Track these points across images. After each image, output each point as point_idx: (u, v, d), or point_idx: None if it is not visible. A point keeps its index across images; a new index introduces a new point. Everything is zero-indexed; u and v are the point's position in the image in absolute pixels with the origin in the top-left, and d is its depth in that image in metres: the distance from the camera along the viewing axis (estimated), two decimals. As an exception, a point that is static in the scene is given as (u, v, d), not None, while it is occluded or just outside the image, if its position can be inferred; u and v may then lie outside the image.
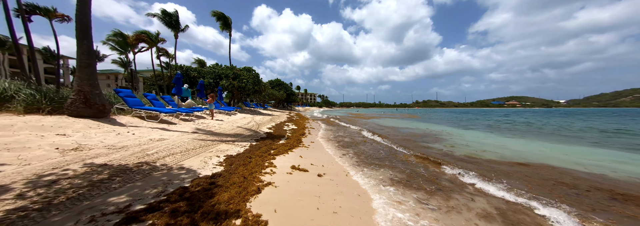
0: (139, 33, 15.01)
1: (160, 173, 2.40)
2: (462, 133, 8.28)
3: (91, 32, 4.18)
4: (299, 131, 7.75)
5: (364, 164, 3.73)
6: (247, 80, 14.20)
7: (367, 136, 7.36)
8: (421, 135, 7.88)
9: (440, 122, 14.10)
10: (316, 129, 8.96)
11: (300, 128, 8.64)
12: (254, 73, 15.08)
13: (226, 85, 13.25)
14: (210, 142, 4.38)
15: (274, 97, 30.90)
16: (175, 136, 4.38)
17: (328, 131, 8.38)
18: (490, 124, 12.52)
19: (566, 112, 44.30)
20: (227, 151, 3.74)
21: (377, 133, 7.94)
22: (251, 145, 4.53)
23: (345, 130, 8.93)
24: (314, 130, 8.52)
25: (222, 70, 14.34)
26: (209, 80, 13.66)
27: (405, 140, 6.66)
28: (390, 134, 7.85)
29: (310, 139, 6.24)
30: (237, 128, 6.82)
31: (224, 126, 6.93)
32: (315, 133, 7.69)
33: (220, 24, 21.17)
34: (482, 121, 15.20)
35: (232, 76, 13.79)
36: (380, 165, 3.67)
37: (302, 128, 9.05)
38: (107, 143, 3.19)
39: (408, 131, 8.97)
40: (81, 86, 4.08)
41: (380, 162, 3.88)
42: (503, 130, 9.22)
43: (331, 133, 7.79)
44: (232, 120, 9.16)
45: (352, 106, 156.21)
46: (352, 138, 6.65)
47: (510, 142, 6.29)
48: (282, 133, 7.07)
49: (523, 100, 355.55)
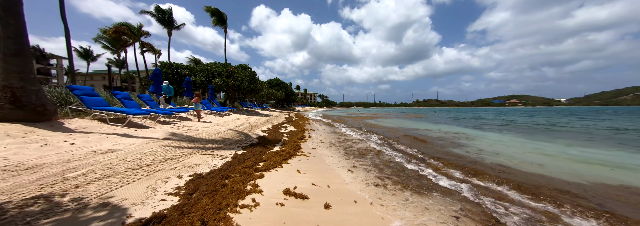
0: (119, 25, 13.73)
1: (50, 221, 1.39)
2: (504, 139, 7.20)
3: (22, 8, 3.18)
4: (298, 134, 6.75)
5: (390, 185, 2.72)
6: (243, 79, 13.18)
7: (377, 140, 6.35)
8: (451, 142, 6.84)
9: (454, 123, 13.09)
10: (317, 132, 7.97)
11: (299, 131, 7.64)
12: (250, 71, 14.07)
13: (219, 83, 12.24)
14: (182, 151, 3.37)
15: (273, 97, 29.89)
16: (134, 145, 3.37)
17: (331, 134, 7.39)
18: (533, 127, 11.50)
19: (571, 111, 43.27)
20: (197, 166, 2.74)
21: (390, 137, 6.93)
22: (236, 154, 3.53)
23: (351, 131, 7.93)
24: (315, 133, 7.53)
25: (215, 68, 13.33)
26: (200, 78, 12.66)
27: (428, 146, 5.64)
28: (405, 137, 6.84)
29: (310, 144, 5.24)
30: (226, 132, 5.81)
31: (210, 129, 5.92)
32: (316, 137, 6.69)
33: (214, 19, 20.18)
34: (507, 121, 14.19)
35: (225, 74, 12.78)
36: (419, 191, 2.65)
37: (302, 130, 8.06)
38: (14, 160, 2.19)
39: (428, 134, 7.95)
40: (8, 80, 3.07)
41: (418, 182, 2.85)
42: (556, 134, 7.95)
43: (334, 137, 6.80)
44: (222, 121, 8.15)
45: (352, 106, 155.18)
46: (363, 145, 5.63)
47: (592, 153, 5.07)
48: (278, 137, 6.07)
49: (524, 99, 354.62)
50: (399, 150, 4.95)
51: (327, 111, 42.29)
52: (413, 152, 4.65)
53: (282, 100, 41.16)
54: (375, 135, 7.19)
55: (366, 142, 5.84)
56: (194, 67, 13.61)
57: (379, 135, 7.31)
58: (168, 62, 12.54)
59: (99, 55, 31.57)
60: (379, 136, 7.00)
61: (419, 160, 3.98)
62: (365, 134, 7.50)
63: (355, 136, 7.01)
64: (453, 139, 6.56)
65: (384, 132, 7.96)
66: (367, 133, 7.79)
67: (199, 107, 7.14)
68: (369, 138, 6.62)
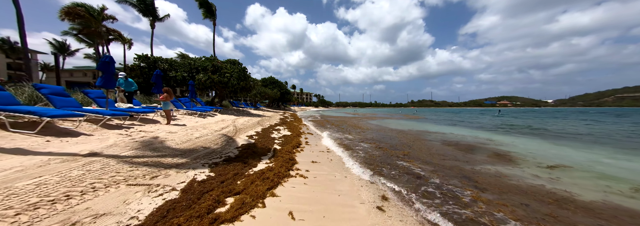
0: (73, 6, 11.50)
1: None
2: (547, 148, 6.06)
3: None
4: (293, 140, 5.44)
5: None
6: (231, 75, 11.72)
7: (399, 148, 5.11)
8: (480, 148, 5.65)
9: (464, 124, 12.05)
10: (316, 136, 6.67)
11: (294, 135, 6.33)
12: (239, 67, 12.61)
13: (203, 80, 10.76)
14: (99, 179, 2.01)
15: (267, 96, 28.38)
16: (12, 170, 1.99)
17: (336, 140, 6.10)
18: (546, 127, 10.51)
19: (564, 112, 43.64)
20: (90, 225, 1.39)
21: (406, 146, 5.71)
22: (192, 183, 2.20)
23: (360, 136, 6.67)
24: (314, 138, 6.23)
25: (200, 62, 11.81)
26: (182, 73, 11.12)
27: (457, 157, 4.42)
28: (424, 146, 5.62)
29: (309, 155, 3.95)
30: (198, 139, 4.44)
31: (177, 135, 4.53)
32: (315, 142, 5.40)
33: (203, 11, 18.56)
34: (519, 123, 13.26)
35: (211, 69, 11.29)
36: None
37: (297, 134, 6.75)
38: None
39: (448, 139, 6.77)
40: None
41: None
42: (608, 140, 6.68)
43: (339, 141, 5.51)
44: (201, 124, 6.74)
45: (348, 106, 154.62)
46: (378, 152, 4.37)
47: None
48: (267, 144, 4.75)
49: (513, 100, 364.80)
50: (438, 165, 3.72)
51: (324, 111, 41.01)
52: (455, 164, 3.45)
53: (277, 99, 39.63)
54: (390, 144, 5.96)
55: (386, 146, 4.59)
56: (175, 61, 12.05)
57: (391, 138, 6.09)
58: (144, 54, 10.97)
59: (77, 50, 29.19)
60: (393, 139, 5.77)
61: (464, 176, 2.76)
62: (380, 141, 6.26)
63: (369, 143, 5.74)
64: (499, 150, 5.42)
65: (395, 136, 6.76)
66: (380, 141, 6.56)
67: (169, 106, 5.71)
68: (384, 139, 5.37)
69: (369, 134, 7.31)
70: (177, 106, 8.14)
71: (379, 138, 6.45)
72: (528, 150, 4.90)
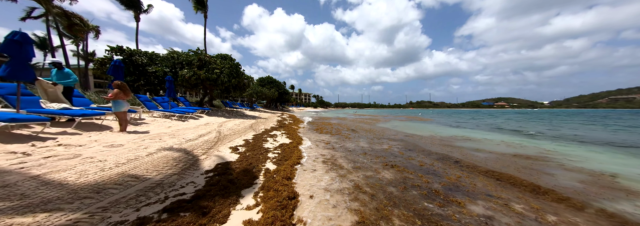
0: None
1: None
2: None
3: None
4: (293, 152, 3.95)
5: None
6: (221, 71, 10.19)
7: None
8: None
9: (488, 128, 10.63)
10: (322, 146, 5.14)
11: (294, 145, 4.82)
12: (230, 63, 11.08)
13: (188, 76, 9.20)
14: None
15: (264, 96, 26.82)
16: None
17: (348, 148, 4.59)
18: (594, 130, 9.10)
19: (566, 114, 42.77)
20: None
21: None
22: None
23: (378, 145, 5.16)
24: (319, 149, 4.71)
25: (184, 56, 10.26)
26: (163, 69, 9.56)
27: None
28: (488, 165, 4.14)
29: (319, 178, 2.44)
30: (146, 159, 2.92)
31: (116, 153, 3.00)
32: (323, 159, 3.88)
33: (193, 3, 17.01)
34: (539, 125, 11.89)
35: (197, 63, 9.74)
36: None
37: (298, 142, 5.24)
38: None
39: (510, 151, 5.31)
40: None
41: None
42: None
43: (360, 157, 3.97)
44: (173, 131, 5.20)
45: (347, 106, 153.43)
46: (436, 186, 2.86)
47: None
48: (256, 161, 3.25)
49: (510, 101, 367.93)
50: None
51: (324, 112, 39.50)
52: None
53: (275, 99, 38.06)
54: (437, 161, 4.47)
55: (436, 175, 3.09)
56: (156, 54, 10.48)
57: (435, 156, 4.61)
58: (118, 46, 9.40)
59: (60, 46, 27.32)
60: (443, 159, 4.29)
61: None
62: (409, 153, 4.76)
63: (395, 153, 4.24)
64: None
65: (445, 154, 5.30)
66: (409, 151, 5.07)
67: (123, 107, 4.17)
68: (415, 148, 3.87)
69: (392, 142, 5.83)
70: (149, 106, 6.59)
71: (408, 148, 4.97)
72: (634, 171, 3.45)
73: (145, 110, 6.56)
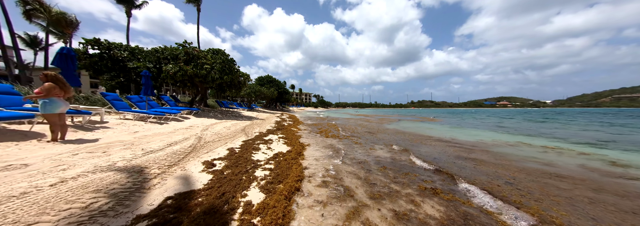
0: None
1: None
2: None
3: None
4: (291, 168, 2.80)
5: None
6: (212, 66, 9.05)
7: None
8: None
9: (514, 130, 9.43)
10: (324, 158, 3.95)
11: (294, 154, 3.66)
12: (223, 58, 9.94)
13: (172, 71, 8.07)
14: None
15: (263, 96, 25.70)
16: None
17: (362, 168, 3.41)
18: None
19: (573, 113, 41.38)
20: None
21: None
22: None
23: (399, 154, 3.93)
24: (319, 163, 3.53)
25: (169, 51, 9.11)
26: (145, 64, 8.43)
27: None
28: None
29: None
30: (35, 195, 1.77)
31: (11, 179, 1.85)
32: (333, 166, 2.70)
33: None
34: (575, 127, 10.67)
35: (183, 58, 8.61)
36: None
37: (299, 150, 4.08)
38: None
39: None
40: None
41: None
42: None
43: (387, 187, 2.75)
44: (133, 139, 4.06)
45: (348, 106, 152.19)
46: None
47: None
48: (234, 187, 2.07)
49: (512, 101, 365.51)
50: None
51: (325, 112, 38.31)
52: None
53: (275, 99, 36.95)
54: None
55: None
56: (139, 48, 9.35)
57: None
58: (94, 38, 8.30)
59: (51, 44, 26.28)
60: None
61: None
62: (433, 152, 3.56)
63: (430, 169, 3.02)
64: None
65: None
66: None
67: (58, 107, 3.04)
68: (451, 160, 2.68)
69: (415, 149, 4.65)
70: (118, 107, 5.45)
71: (438, 158, 3.80)
72: None
73: (113, 111, 5.42)
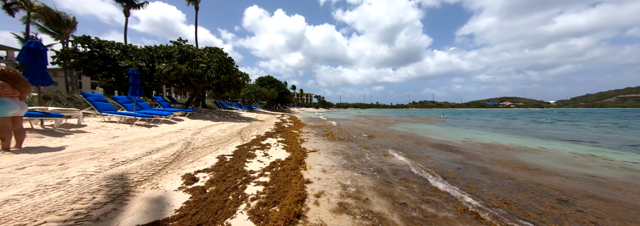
0: None
1: None
2: None
3: None
4: (290, 183, 2.24)
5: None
6: (208, 65, 8.57)
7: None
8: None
9: (539, 133, 8.81)
10: (334, 168, 3.37)
11: (294, 163, 3.11)
12: (220, 56, 9.46)
13: (166, 71, 7.59)
14: None
15: (263, 96, 25.24)
16: None
17: (379, 181, 2.84)
18: None
19: (587, 112, 40.42)
20: None
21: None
22: None
23: (423, 160, 3.32)
24: (327, 175, 2.96)
25: (163, 49, 8.63)
26: (137, 63, 7.97)
27: None
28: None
29: None
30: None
31: None
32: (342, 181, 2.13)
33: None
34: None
35: (177, 56, 8.13)
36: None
37: (299, 158, 3.53)
38: None
39: None
40: None
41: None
42: None
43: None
44: (109, 145, 3.55)
45: (349, 107, 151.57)
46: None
47: None
48: (209, 216, 1.53)
49: (515, 101, 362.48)
50: None
51: (327, 113, 37.79)
52: None
53: (275, 100, 36.51)
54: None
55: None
56: (132, 46, 8.89)
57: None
58: (84, 36, 7.86)
59: (51, 45, 26.08)
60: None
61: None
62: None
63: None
64: None
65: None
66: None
67: (9, 110, 2.54)
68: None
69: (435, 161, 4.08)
70: (100, 108, 4.95)
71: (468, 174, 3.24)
72: None
73: (96, 113, 4.93)
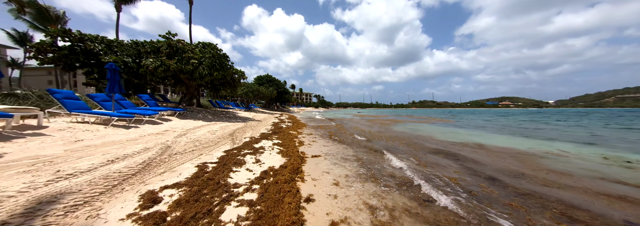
0: None
1: None
2: None
3: None
4: (283, 206, 1.66)
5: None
6: (200, 61, 7.96)
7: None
8: None
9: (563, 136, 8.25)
10: (344, 181, 2.77)
11: (286, 174, 2.54)
12: (213, 52, 8.84)
13: (152, 67, 6.98)
14: None
15: (261, 95, 24.63)
16: None
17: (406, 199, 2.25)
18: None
19: (582, 113, 40.02)
20: None
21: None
22: None
23: (441, 168, 2.74)
24: (335, 191, 2.35)
25: (151, 44, 8.00)
26: (122, 58, 7.35)
27: None
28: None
29: None
30: None
31: None
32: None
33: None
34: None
35: (166, 51, 7.51)
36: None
37: (294, 167, 2.94)
38: None
39: None
40: None
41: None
42: None
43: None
44: (60, 153, 2.95)
45: (348, 106, 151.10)
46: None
47: None
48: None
49: (514, 101, 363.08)
50: None
51: (327, 112, 37.22)
52: None
53: (274, 99, 35.90)
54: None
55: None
56: (118, 41, 8.25)
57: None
58: (62, 28, 7.23)
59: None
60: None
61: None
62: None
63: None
64: None
65: None
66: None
67: None
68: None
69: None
70: (69, 107, 4.34)
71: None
72: None
73: (64, 112, 4.32)
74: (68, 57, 7.27)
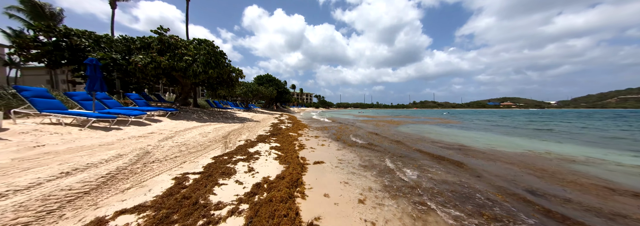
0: None
1: None
2: None
3: None
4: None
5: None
6: (194, 58, 7.47)
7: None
8: None
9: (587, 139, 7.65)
10: (362, 203, 2.25)
11: (283, 189, 2.01)
12: (208, 49, 8.35)
13: (142, 63, 6.49)
14: None
15: (261, 95, 24.14)
16: None
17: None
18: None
19: (598, 113, 39.34)
20: None
21: None
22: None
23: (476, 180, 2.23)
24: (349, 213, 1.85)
25: (141, 39, 7.51)
26: (111, 54, 6.86)
27: None
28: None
29: None
30: None
31: None
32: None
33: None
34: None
35: (157, 47, 7.03)
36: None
37: (295, 171, 2.43)
38: None
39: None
40: None
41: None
42: None
43: None
44: (8, 163, 2.44)
45: (349, 106, 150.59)
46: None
47: None
48: None
49: (516, 101, 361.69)
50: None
51: (328, 113, 36.69)
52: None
53: (274, 99, 35.40)
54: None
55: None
56: (106, 37, 7.77)
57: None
58: (46, 22, 6.76)
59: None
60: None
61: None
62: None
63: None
64: None
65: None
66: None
67: None
68: None
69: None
70: (39, 107, 3.84)
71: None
72: None
73: (34, 112, 3.82)
74: (53, 54, 6.79)
